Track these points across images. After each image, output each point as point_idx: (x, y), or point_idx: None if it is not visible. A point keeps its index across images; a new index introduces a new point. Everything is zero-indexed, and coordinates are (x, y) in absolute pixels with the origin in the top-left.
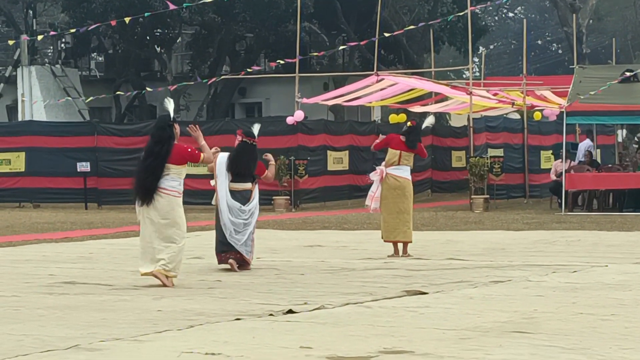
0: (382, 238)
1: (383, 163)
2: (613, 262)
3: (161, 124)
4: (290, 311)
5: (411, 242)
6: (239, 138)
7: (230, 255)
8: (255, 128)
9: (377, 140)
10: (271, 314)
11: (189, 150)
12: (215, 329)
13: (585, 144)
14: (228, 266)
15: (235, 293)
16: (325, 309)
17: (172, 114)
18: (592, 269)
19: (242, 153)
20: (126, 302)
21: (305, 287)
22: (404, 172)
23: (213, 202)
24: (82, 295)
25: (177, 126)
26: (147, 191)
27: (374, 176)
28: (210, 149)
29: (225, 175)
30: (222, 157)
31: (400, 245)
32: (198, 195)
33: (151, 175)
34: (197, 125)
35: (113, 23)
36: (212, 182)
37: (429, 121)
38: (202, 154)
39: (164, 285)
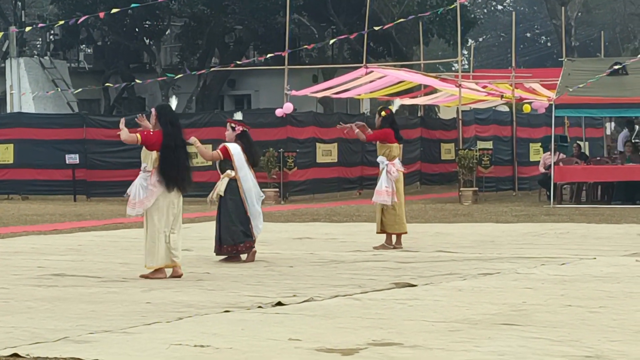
0: (386, 231)
1: (386, 159)
2: (602, 254)
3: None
4: (279, 303)
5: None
6: (240, 128)
7: (252, 244)
8: (239, 116)
9: (369, 132)
10: (260, 306)
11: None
12: (204, 321)
13: (623, 135)
14: (239, 258)
15: (225, 285)
16: (314, 301)
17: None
18: (580, 262)
19: (252, 142)
20: (115, 294)
21: (295, 279)
22: (401, 165)
23: (214, 197)
24: (71, 287)
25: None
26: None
27: (395, 172)
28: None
29: (247, 166)
30: (237, 148)
31: (393, 237)
32: (197, 188)
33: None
34: (143, 115)
35: (101, 15)
36: (232, 173)
37: (397, 104)
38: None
39: (179, 275)
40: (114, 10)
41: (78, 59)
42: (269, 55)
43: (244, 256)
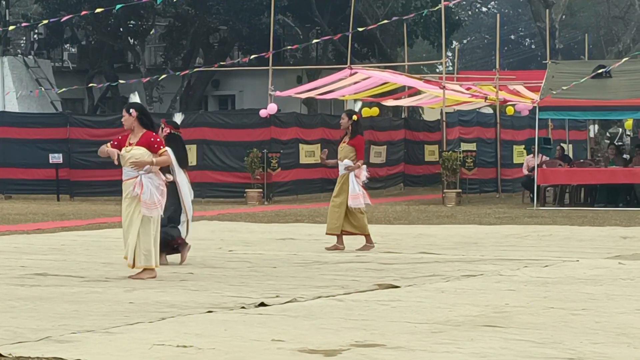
0: (350, 233)
1: (351, 162)
2: (584, 256)
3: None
4: (262, 304)
5: None
6: (167, 130)
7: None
8: (178, 117)
9: (346, 146)
10: (243, 307)
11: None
12: (187, 322)
13: None
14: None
15: (208, 285)
16: (297, 302)
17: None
18: (563, 264)
19: (183, 145)
20: (98, 294)
21: (278, 280)
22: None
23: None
24: (54, 286)
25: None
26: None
27: (363, 177)
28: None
29: (182, 170)
30: (171, 151)
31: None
32: None
33: None
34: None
35: (83, 13)
36: (170, 177)
37: (358, 106)
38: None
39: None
40: (98, 10)
41: (62, 59)
42: (253, 56)
43: (169, 258)
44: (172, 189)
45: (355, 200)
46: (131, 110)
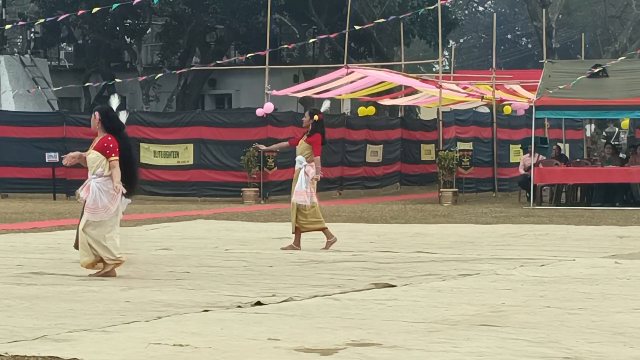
0: (301, 231)
1: (305, 160)
2: (581, 256)
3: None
4: (258, 303)
5: None
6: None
7: None
8: (114, 101)
9: (304, 144)
10: (239, 306)
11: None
12: (183, 321)
13: None
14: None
15: (204, 284)
16: (293, 300)
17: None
18: (560, 263)
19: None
20: (94, 293)
21: (274, 279)
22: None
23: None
24: (50, 285)
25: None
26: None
27: (313, 174)
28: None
29: None
30: None
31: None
32: (167, 187)
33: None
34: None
35: (80, 12)
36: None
37: (325, 105)
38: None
39: (114, 275)
40: (95, 9)
41: (59, 57)
42: (249, 55)
43: None
44: None
45: (299, 197)
46: (95, 112)
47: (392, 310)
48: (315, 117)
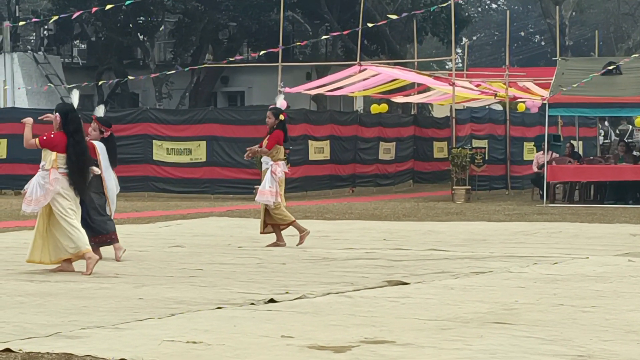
0: (273, 229)
1: (270, 159)
2: (594, 253)
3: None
4: (271, 300)
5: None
6: (108, 134)
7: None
8: (100, 110)
9: (266, 143)
10: (252, 303)
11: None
12: (196, 318)
13: None
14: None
15: (216, 282)
16: (306, 298)
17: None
18: (572, 261)
19: (115, 145)
20: (107, 290)
21: (287, 276)
22: (286, 166)
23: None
24: (63, 282)
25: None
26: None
27: (280, 173)
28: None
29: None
30: (104, 149)
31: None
32: (180, 184)
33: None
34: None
35: (93, 10)
36: (97, 170)
37: (280, 101)
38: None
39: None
40: (108, 6)
41: (72, 55)
42: (262, 52)
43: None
44: (98, 182)
45: (263, 196)
46: (57, 113)
47: (405, 308)
48: (281, 117)
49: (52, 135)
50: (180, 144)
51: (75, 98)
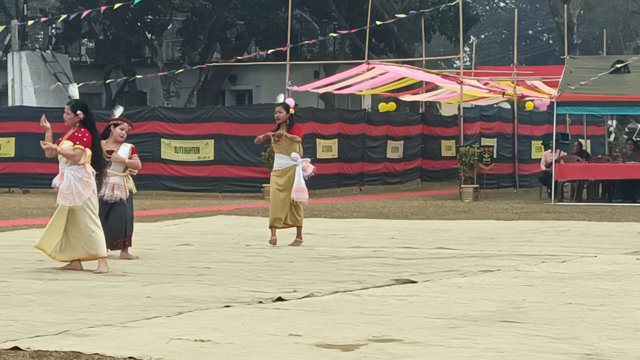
0: (271, 225)
1: (300, 156)
2: (602, 252)
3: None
4: (279, 299)
5: None
6: (127, 126)
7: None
8: (118, 112)
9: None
10: (260, 301)
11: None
12: (204, 316)
13: None
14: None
15: (224, 280)
16: (314, 296)
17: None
18: (581, 259)
19: None
20: (115, 288)
21: (295, 274)
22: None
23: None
24: (71, 280)
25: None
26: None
27: (310, 171)
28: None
29: None
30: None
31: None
32: (188, 182)
33: None
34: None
35: (102, 9)
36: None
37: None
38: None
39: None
40: (116, 5)
41: (80, 53)
42: (270, 51)
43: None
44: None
45: (301, 194)
46: (79, 111)
47: (413, 306)
48: (291, 111)
49: (86, 134)
50: (188, 143)
51: (75, 92)
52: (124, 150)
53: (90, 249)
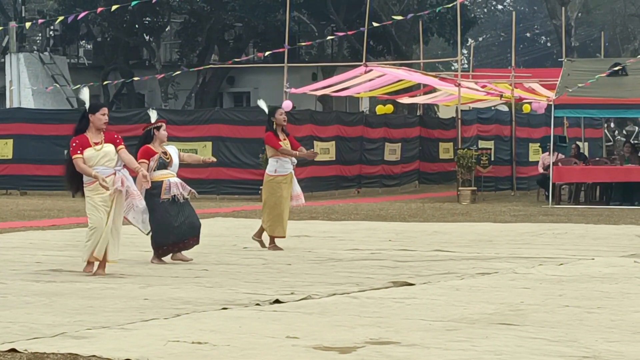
0: (281, 236)
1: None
2: (600, 254)
3: (79, 116)
4: (277, 301)
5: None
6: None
7: None
8: (153, 116)
9: (288, 142)
10: (258, 304)
11: (71, 141)
12: (202, 318)
13: None
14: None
15: (222, 282)
16: (312, 299)
17: (87, 104)
18: (578, 262)
19: None
20: (113, 290)
21: (292, 276)
22: None
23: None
24: (69, 282)
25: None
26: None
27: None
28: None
29: None
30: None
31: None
32: (195, 185)
33: (66, 165)
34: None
35: (99, 10)
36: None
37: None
38: (75, 154)
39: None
40: (114, 7)
41: (78, 55)
42: (268, 53)
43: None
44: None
45: (301, 199)
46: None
47: (411, 309)
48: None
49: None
50: (186, 145)
51: (86, 96)
52: (174, 151)
53: (117, 252)
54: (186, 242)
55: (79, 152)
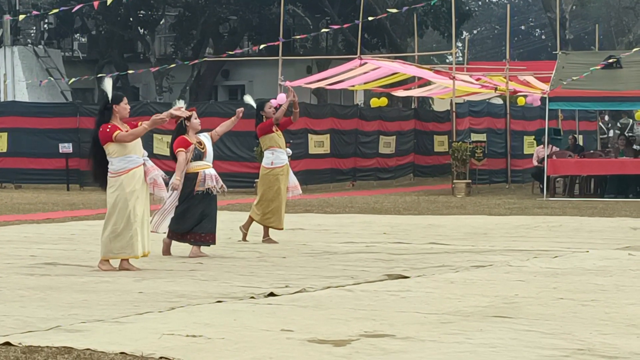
0: (278, 228)
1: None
2: (594, 247)
3: (100, 108)
4: (271, 294)
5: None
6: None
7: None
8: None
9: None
10: (252, 297)
11: (101, 129)
12: (196, 311)
13: None
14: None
15: (217, 275)
16: (306, 292)
17: (110, 95)
18: (573, 255)
19: None
20: (107, 284)
21: (287, 270)
22: None
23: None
24: (64, 276)
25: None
26: (93, 176)
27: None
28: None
29: None
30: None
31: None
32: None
33: (91, 159)
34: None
35: (96, 4)
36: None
37: (248, 99)
38: (114, 133)
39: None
40: (109, 0)
41: (72, 48)
42: (262, 46)
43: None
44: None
45: (295, 190)
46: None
47: (405, 302)
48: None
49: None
50: None
51: (109, 87)
52: (207, 139)
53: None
54: (204, 236)
55: (119, 131)
